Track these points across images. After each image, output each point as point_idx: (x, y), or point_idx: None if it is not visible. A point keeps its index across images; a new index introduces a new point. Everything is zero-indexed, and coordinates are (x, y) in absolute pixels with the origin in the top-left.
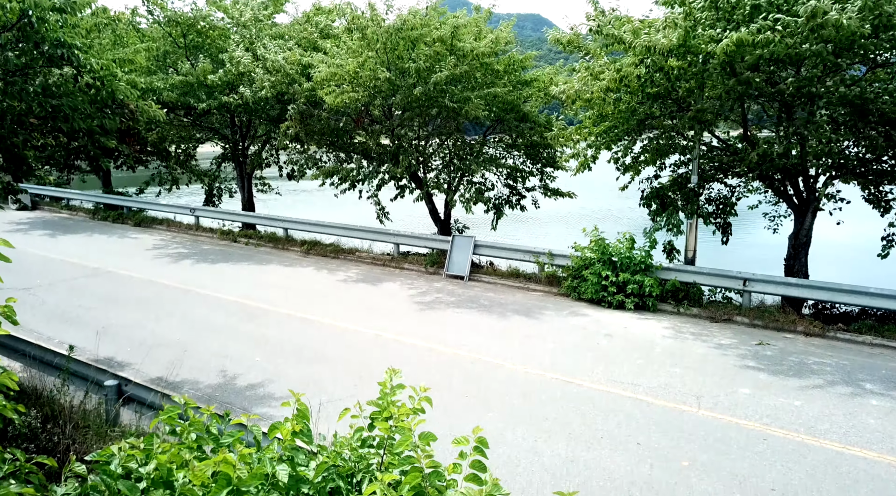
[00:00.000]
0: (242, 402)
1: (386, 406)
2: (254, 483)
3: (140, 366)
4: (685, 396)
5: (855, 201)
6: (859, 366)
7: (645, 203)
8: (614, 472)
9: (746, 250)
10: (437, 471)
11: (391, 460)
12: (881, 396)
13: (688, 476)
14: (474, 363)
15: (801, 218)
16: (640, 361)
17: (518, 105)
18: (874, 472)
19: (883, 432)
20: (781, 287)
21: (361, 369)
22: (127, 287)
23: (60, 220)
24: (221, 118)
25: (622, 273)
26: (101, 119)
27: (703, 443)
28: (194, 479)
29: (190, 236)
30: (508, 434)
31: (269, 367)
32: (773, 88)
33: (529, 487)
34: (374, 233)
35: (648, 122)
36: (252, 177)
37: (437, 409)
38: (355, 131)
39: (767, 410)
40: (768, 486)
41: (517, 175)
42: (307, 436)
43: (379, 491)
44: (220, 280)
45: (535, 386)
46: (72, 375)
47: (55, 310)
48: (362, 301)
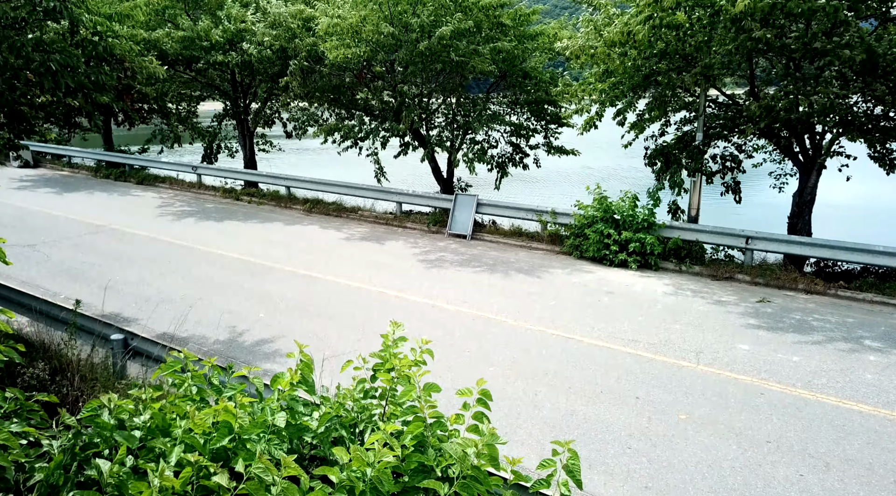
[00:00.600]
0: (247, 357)
1: (388, 358)
2: (255, 431)
3: (146, 321)
4: (685, 352)
5: (861, 160)
6: (859, 322)
7: (649, 161)
8: (613, 425)
9: (751, 210)
10: (439, 422)
11: (394, 410)
12: (879, 352)
13: (685, 428)
14: (476, 320)
15: (806, 175)
16: (641, 318)
17: (523, 60)
18: (868, 425)
19: (879, 387)
20: (784, 245)
21: (365, 325)
22: (131, 244)
23: (63, 178)
24: (222, 75)
25: (625, 231)
26: (96, 75)
27: (701, 398)
28: (195, 428)
29: (193, 194)
30: (509, 388)
31: (273, 323)
32: (780, 43)
33: (529, 439)
34: (376, 191)
35: (654, 78)
36: (254, 135)
37: (439, 364)
38: (357, 88)
39: (765, 365)
40: (764, 439)
41: (521, 132)
42: (309, 386)
43: (380, 439)
44: (224, 237)
45: (537, 342)
46: (78, 329)
47: (60, 267)
48: (365, 259)
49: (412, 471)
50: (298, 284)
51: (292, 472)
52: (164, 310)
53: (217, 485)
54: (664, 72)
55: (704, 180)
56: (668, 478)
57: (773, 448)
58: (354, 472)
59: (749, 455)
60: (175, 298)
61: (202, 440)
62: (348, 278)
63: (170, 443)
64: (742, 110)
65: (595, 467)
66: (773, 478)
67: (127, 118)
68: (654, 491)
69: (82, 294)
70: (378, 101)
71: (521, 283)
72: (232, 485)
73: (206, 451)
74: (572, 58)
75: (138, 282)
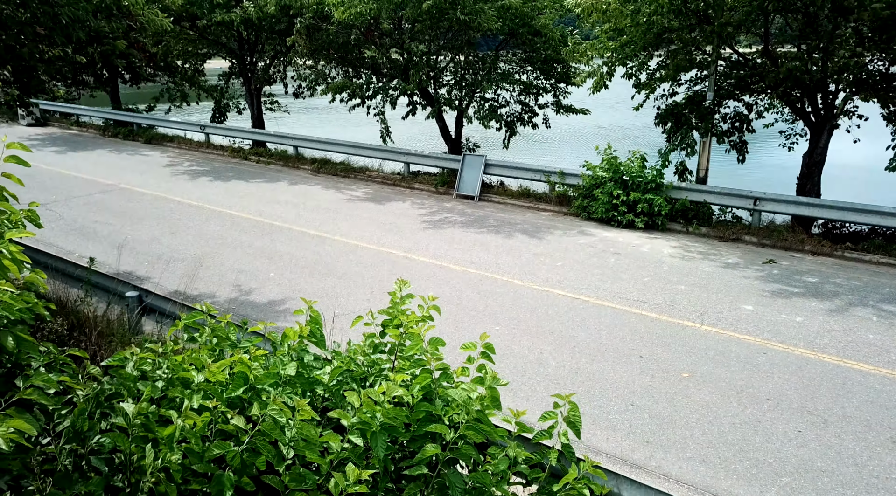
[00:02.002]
0: (258, 315)
1: (396, 314)
2: (268, 381)
3: (159, 279)
4: (689, 312)
5: (873, 121)
6: (864, 284)
7: (660, 121)
8: (616, 382)
9: (760, 171)
10: (445, 373)
11: (402, 364)
12: (883, 313)
13: (687, 386)
14: (483, 280)
15: (817, 136)
16: (647, 279)
17: (532, 17)
18: (868, 383)
19: (881, 346)
20: (791, 206)
21: (373, 284)
22: (141, 203)
23: (71, 137)
24: (228, 32)
25: (633, 192)
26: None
27: (704, 356)
28: (211, 378)
29: (201, 154)
30: (515, 346)
31: (283, 282)
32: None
33: (534, 395)
34: (384, 151)
35: (666, 36)
36: (261, 93)
37: (446, 323)
38: (365, 45)
39: (769, 326)
40: (764, 396)
41: (530, 91)
42: (318, 340)
43: (389, 388)
44: (233, 197)
45: (543, 301)
46: (94, 287)
47: (73, 225)
48: (373, 219)
49: (420, 420)
50: (307, 244)
51: (306, 416)
52: (176, 268)
53: (235, 428)
54: (676, 29)
55: (715, 140)
56: (668, 433)
57: (772, 405)
58: (366, 414)
59: (749, 412)
60: (186, 257)
61: (219, 390)
62: (357, 239)
63: (189, 393)
64: (758, 69)
65: (598, 423)
66: (771, 434)
67: (134, 76)
68: (655, 445)
69: (96, 252)
70: (386, 59)
71: (527, 244)
72: (248, 427)
73: (222, 399)
74: (584, 15)
75: (150, 240)
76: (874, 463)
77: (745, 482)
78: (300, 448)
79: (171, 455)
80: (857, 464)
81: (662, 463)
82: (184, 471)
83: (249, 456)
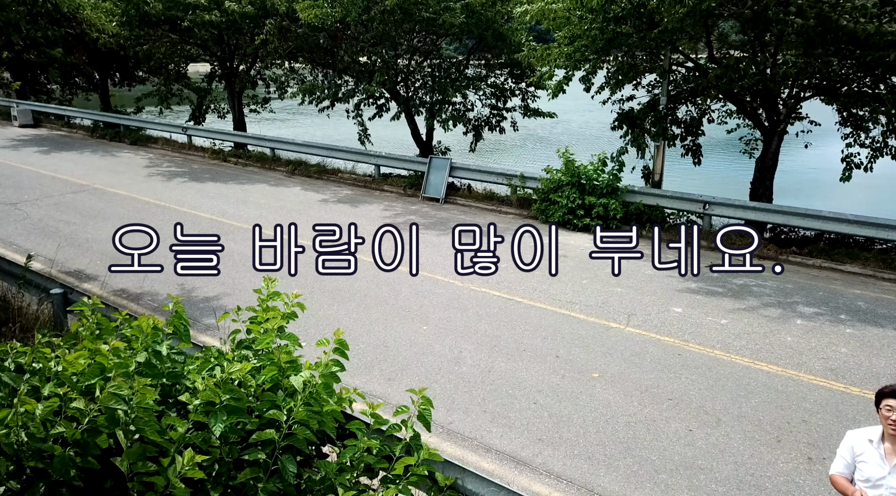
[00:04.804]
0: (194, 312)
1: (262, 311)
2: (121, 370)
3: (107, 278)
4: (617, 314)
5: (827, 128)
6: (799, 287)
7: (616, 126)
8: (526, 381)
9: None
10: (295, 364)
11: (259, 359)
12: (807, 317)
13: (594, 386)
14: (424, 281)
15: (769, 141)
16: (586, 281)
17: (496, 21)
18: (772, 384)
19: (795, 349)
20: (740, 210)
21: (314, 284)
22: (110, 204)
23: (59, 138)
24: (209, 35)
25: (589, 196)
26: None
27: (620, 357)
28: (69, 368)
29: (182, 155)
30: (437, 345)
31: (227, 281)
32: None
33: (443, 393)
34: (355, 154)
35: (618, 41)
36: (242, 95)
37: (376, 322)
38: (335, 48)
39: (692, 328)
40: (666, 396)
41: (500, 94)
42: (184, 334)
43: (228, 368)
44: (202, 198)
45: (477, 302)
46: (28, 284)
47: (37, 225)
48: (334, 221)
49: (266, 410)
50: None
51: (148, 395)
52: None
53: (76, 410)
54: (628, 35)
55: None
56: (562, 431)
57: (672, 405)
58: (210, 395)
59: (647, 411)
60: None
61: (75, 379)
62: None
63: (43, 381)
64: (707, 73)
65: (497, 420)
66: (662, 433)
67: (125, 77)
68: (546, 443)
69: (52, 250)
70: (354, 62)
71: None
72: (90, 408)
73: (76, 387)
74: (532, 22)
75: (107, 240)
76: (753, 461)
77: (623, 479)
78: (140, 425)
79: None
80: (737, 463)
81: (549, 460)
82: (28, 452)
83: (89, 434)
